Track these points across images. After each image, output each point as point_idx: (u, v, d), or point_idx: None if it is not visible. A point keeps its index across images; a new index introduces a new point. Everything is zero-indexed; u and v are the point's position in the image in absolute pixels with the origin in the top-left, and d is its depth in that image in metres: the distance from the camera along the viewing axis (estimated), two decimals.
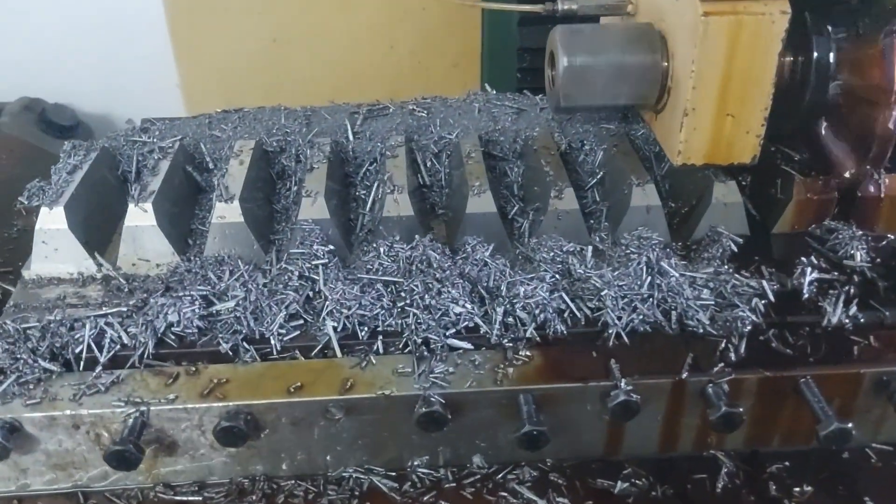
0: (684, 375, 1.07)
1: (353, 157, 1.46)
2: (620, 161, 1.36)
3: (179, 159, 1.39)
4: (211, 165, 1.44)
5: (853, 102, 1.21)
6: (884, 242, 1.30)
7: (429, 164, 1.45)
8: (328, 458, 1.10)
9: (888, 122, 1.16)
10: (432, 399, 1.04)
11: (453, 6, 2.82)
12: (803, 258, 1.23)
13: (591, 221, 1.35)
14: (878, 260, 1.26)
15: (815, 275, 1.21)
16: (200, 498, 1.08)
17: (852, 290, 1.19)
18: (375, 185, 1.36)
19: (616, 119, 1.50)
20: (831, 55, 1.23)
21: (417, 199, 1.38)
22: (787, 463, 1.13)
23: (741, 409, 1.03)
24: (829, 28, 1.22)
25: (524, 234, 1.32)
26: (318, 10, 2.86)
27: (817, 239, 1.30)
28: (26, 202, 1.42)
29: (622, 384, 1.05)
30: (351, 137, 1.47)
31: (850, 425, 1.02)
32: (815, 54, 1.23)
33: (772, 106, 1.22)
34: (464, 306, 1.13)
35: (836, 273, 1.22)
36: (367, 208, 1.36)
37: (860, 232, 1.28)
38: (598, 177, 1.41)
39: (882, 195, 1.29)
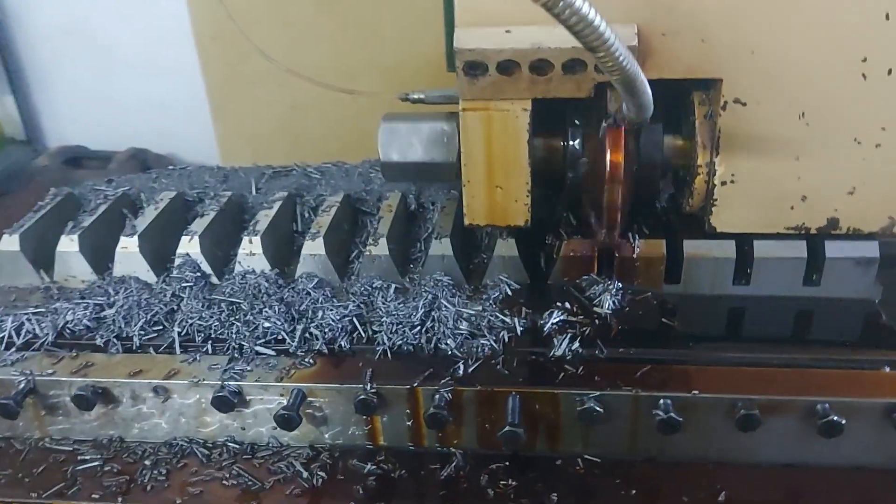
0: (416, 384, 1.39)
1: (250, 207, 1.88)
2: (440, 219, 1.71)
3: (120, 203, 1.85)
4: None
5: (594, 179, 1.51)
6: (640, 296, 1.57)
7: (306, 215, 1.85)
8: (165, 427, 1.49)
9: (610, 197, 1.45)
10: (225, 386, 1.41)
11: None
12: (558, 303, 1.53)
13: (411, 265, 1.70)
14: (627, 309, 1.54)
15: (561, 316, 1.50)
16: (71, 448, 1.50)
17: (587, 331, 1.47)
18: None
19: None
20: (577, 142, 1.53)
21: (286, 241, 1.77)
22: (507, 463, 1.42)
23: (445, 412, 1.35)
24: (576, 119, 1.53)
25: (354, 273, 1.69)
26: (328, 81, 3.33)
27: (580, 289, 1.58)
28: None
29: (368, 387, 1.39)
30: (254, 192, 1.89)
31: (520, 431, 1.31)
32: (569, 140, 1.54)
33: (547, 179, 1.54)
34: (273, 322, 1.51)
35: (581, 316, 1.51)
36: None
37: (620, 285, 1.56)
38: (429, 231, 1.76)
39: (635, 255, 1.57)
